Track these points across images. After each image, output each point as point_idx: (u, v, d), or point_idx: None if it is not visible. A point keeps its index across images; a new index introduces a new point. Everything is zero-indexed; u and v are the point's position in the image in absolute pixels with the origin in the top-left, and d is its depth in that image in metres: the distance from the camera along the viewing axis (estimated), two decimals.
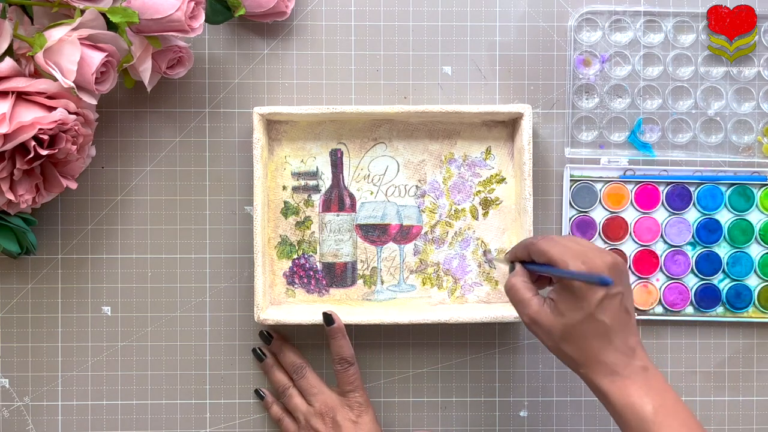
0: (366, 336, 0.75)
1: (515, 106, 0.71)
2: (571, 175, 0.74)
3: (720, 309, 0.74)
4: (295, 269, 0.74)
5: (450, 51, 0.75)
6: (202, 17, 0.65)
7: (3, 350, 0.74)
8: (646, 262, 0.74)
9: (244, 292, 0.74)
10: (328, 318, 0.70)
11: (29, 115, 0.61)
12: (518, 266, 0.62)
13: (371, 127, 0.73)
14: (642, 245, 0.74)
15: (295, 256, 0.74)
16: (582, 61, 0.74)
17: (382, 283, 0.74)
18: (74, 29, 0.61)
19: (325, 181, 0.74)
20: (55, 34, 0.61)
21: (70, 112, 0.63)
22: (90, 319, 0.74)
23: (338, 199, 0.74)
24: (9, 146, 0.61)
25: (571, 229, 0.74)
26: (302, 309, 0.72)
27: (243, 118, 0.74)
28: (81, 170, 0.69)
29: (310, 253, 0.74)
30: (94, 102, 0.64)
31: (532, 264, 0.61)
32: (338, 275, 0.74)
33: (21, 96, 0.62)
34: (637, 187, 0.74)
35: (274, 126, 0.73)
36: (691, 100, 0.74)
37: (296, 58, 0.74)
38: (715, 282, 0.74)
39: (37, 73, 0.64)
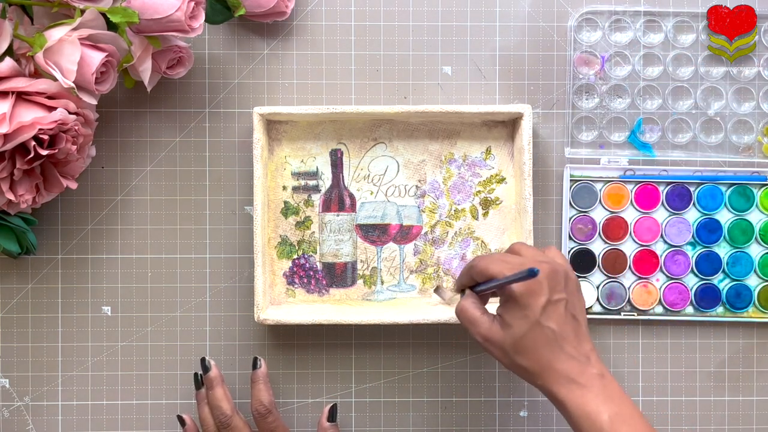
0: (366, 336, 0.75)
1: (515, 106, 0.71)
2: (571, 175, 0.74)
3: (720, 309, 0.74)
4: (295, 269, 0.74)
5: (450, 51, 0.75)
6: (202, 17, 0.65)
7: (3, 350, 0.74)
8: (646, 262, 0.74)
9: (244, 292, 0.74)
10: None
11: (29, 115, 0.61)
12: (467, 291, 0.63)
13: (371, 127, 0.74)
14: (642, 245, 0.74)
15: (295, 256, 0.74)
16: (582, 61, 0.74)
17: (382, 283, 0.74)
18: (74, 29, 0.61)
19: (325, 181, 0.74)
20: (55, 34, 0.61)
21: (70, 112, 0.63)
22: (90, 319, 0.74)
23: (338, 199, 0.74)
24: (9, 146, 0.61)
25: (572, 229, 0.74)
26: (302, 309, 0.72)
27: (243, 118, 0.74)
28: (81, 170, 0.69)
29: (310, 253, 0.74)
30: (94, 102, 0.64)
31: (478, 287, 0.62)
32: (338, 275, 0.74)
33: (21, 96, 0.62)
34: (637, 187, 0.74)
35: (274, 126, 0.73)
36: (691, 100, 0.74)
37: (296, 58, 0.74)
38: (715, 282, 0.74)
39: (37, 73, 0.64)
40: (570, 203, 0.74)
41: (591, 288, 0.74)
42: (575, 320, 0.59)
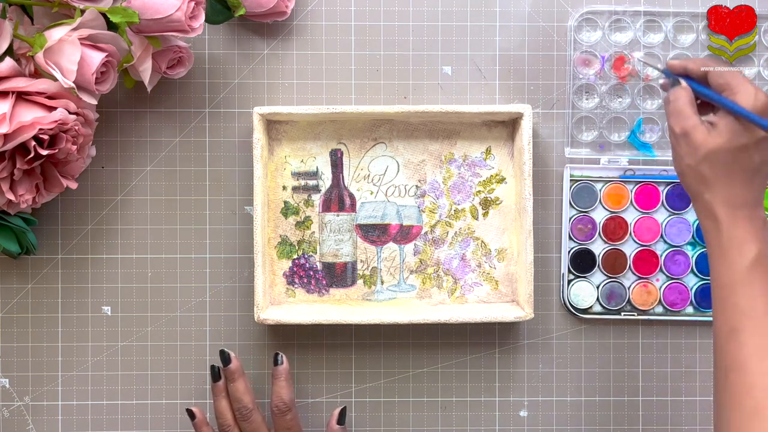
0: (366, 336, 0.75)
1: (515, 106, 0.71)
2: (571, 175, 0.74)
3: None
4: (295, 269, 0.74)
5: (450, 51, 0.75)
6: (202, 17, 0.65)
7: (3, 350, 0.74)
8: (646, 262, 0.74)
9: (244, 292, 0.74)
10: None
11: (29, 115, 0.61)
12: (684, 83, 0.60)
13: (371, 127, 0.74)
14: (642, 245, 0.74)
15: (295, 256, 0.74)
16: (582, 61, 0.74)
17: (382, 283, 0.74)
18: (74, 29, 0.61)
19: (325, 181, 0.74)
20: (55, 34, 0.61)
21: (70, 112, 0.63)
22: (90, 319, 0.74)
23: (338, 199, 0.74)
24: (9, 146, 0.61)
25: (572, 229, 0.74)
26: (302, 309, 0.72)
27: (243, 118, 0.74)
28: (81, 170, 0.69)
29: (310, 253, 0.74)
30: (94, 102, 0.64)
31: (699, 85, 0.60)
32: (338, 275, 0.74)
33: (21, 96, 0.62)
34: (637, 187, 0.74)
35: (274, 126, 0.73)
36: None
37: (296, 58, 0.74)
38: None
39: (37, 73, 0.64)
40: (570, 203, 0.74)
41: (591, 288, 0.74)
42: None
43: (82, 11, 0.62)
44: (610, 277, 0.74)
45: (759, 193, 0.58)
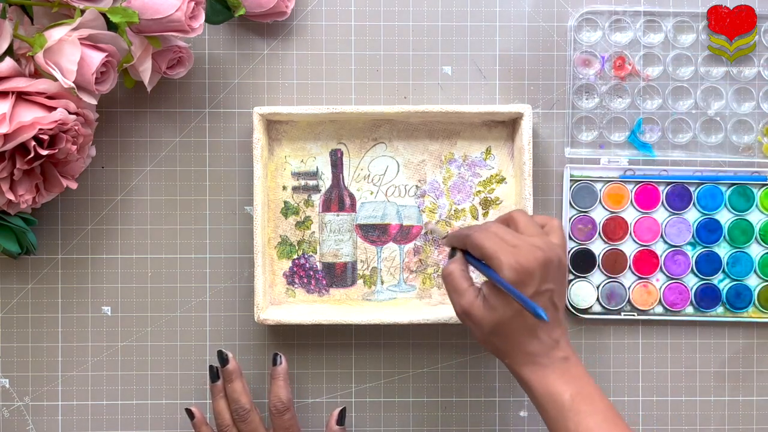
0: (366, 336, 0.75)
1: (515, 106, 0.71)
2: (571, 175, 0.74)
3: (720, 309, 0.74)
4: (295, 269, 0.74)
5: (450, 51, 0.75)
6: (202, 17, 0.65)
7: (3, 350, 0.74)
8: (646, 262, 0.74)
9: (244, 292, 0.74)
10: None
11: (29, 115, 0.61)
12: (459, 254, 0.62)
13: (371, 127, 0.74)
14: (642, 245, 0.74)
15: (295, 256, 0.74)
16: (582, 61, 0.74)
17: (382, 283, 0.74)
18: (74, 29, 0.61)
19: (325, 181, 0.74)
20: (55, 34, 0.61)
21: (70, 112, 0.63)
22: (90, 319, 0.74)
23: (338, 199, 0.74)
24: (9, 146, 0.61)
25: (572, 229, 0.74)
26: (302, 309, 0.72)
27: (243, 118, 0.74)
28: (81, 170, 0.69)
29: (310, 253, 0.74)
30: (94, 102, 0.64)
31: (470, 256, 0.61)
32: (338, 275, 0.74)
33: (21, 96, 0.62)
34: (637, 187, 0.74)
35: (274, 126, 0.73)
36: (691, 100, 0.74)
37: (296, 58, 0.74)
38: (715, 282, 0.74)
39: (37, 73, 0.64)
40: (570, 203, 0.74)
41: (591, 288, 0.74)
42: (555, 307, 0.59)
43: (82, 11, 0.62)
44: (610, 277, 0.74)
45: (549, 338, 0.59)
